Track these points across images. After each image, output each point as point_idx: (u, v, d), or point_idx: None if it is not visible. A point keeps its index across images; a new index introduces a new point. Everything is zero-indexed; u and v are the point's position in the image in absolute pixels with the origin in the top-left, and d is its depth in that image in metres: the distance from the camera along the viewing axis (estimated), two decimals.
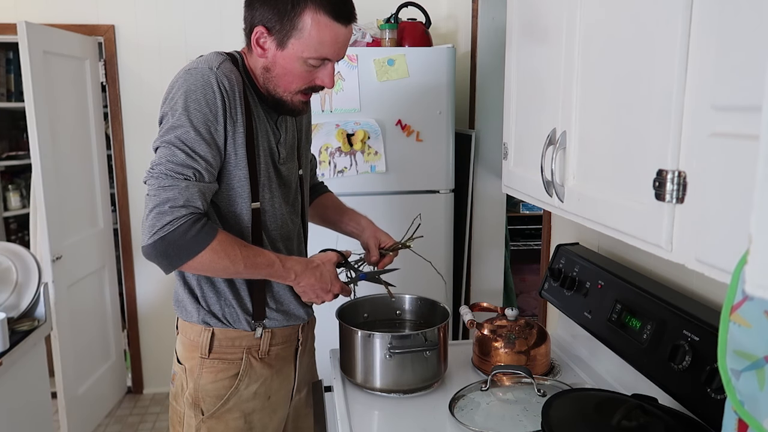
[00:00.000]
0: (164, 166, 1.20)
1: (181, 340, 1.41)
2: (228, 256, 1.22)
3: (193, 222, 1.18)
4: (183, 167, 1.20)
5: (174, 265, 1.20)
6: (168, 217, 1.17)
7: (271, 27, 1.26)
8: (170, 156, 1.20)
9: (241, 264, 1.24)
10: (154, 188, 1.19)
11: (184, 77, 1.25)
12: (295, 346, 1.47)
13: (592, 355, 1.59)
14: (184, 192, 1.19)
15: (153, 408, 3.36)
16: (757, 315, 0.59)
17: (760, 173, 0.47)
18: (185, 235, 1.17)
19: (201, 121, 1.22)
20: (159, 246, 1.17)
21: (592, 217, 1.02)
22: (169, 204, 1.17)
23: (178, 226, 1.17)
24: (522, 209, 3.91)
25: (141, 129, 3.24)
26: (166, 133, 1.22)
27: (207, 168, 1.23)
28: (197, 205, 1.20)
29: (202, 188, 1.22)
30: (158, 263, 1.20)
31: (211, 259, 1.21)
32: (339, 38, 1.27)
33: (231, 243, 1.23)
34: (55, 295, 2.72)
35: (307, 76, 1.30)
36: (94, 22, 3.14)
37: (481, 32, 2.81)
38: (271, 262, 1.29)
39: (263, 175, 1.34)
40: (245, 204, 1.32)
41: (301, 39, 1.25)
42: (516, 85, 1.40)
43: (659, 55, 0.82)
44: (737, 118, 0.66)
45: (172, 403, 1.44)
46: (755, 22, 0.62)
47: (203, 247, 1.19)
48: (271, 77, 1.31)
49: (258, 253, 1.28)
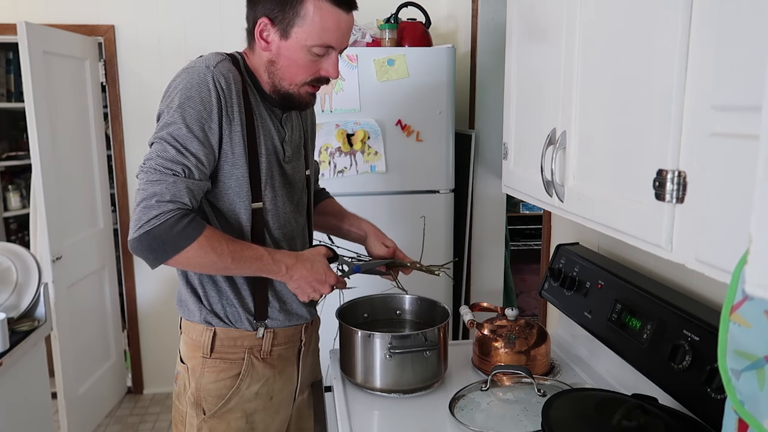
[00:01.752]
0: (154, 161, 1.21)
1: (184, 340, 1.41)
2: (215, 251, 1.22)
3: (179, 217, 1.18)
4: (172, 163, 1.20)
5: (159, 260, 1.20)
6: (154, 211, 1.17)
7: (274, 17, 1.27)
8: (161, 151, 1.21)
9: (228, 258, 1.23)
10: (143, 182, 1.20)
11: (181, 76, 1.26)
12: (298, 346, 1.46)
13: (592, 355, 1.59)
14: (171, 187, 1.19)
15: (153, 408, 3.35)
16: (757, 315, 0.59)
17: (760, 173, 0.47)
18: (171, 230, 1.18)
19: (194, 118, 1.22)
20: (144, 240, 1.17)
21: (592, 217, 1.02)
22: (155, 198, 1.18)
23: (165, 220, 1.17)
24: (522, 209, 3.91)
25: (141, 129, 3.24)
26: (160, 129, 1.23)
27: (197, 165, 1.23)
28: (184, 201, 1.20)
29: (191, 185, 1.22)
30: (144, 257, 1.20)
31: (197, 254, 1.21)
32: (341, 24, 1.28)
33: (218, 238, 1.23)
34: (55, 296, 2.72)
35: (312, 66, 1.31)
36: (94, 22, 3.14)
37: (481, 32, 2.81)
38: (259, 255, 1.28)
39: (265, 174, 1.34)
40: (243, 203, 1.32)
41: (304, 26, 1.26)
42: (516, 85, 1.40)
43: (659, 54, 0.82)
44: (737, 118, 0.66)
45: (175, 402, 1.44)
46: (755, 22, 0.62)
47: (189, 243, 1.19)
48: (276, 70, 1.32)
49: (246, 247, 1.27)
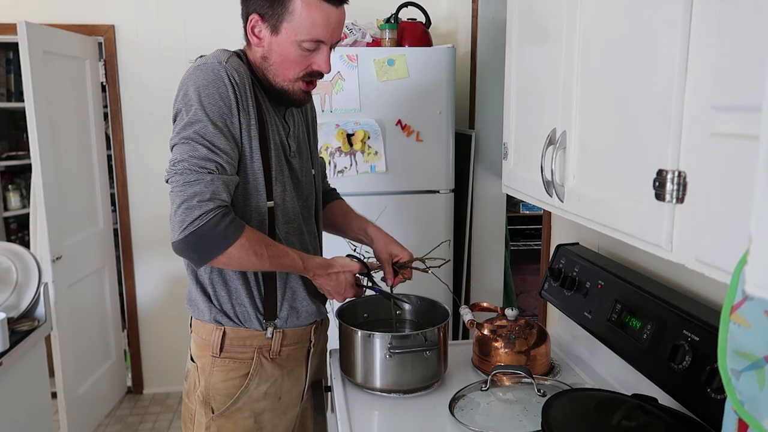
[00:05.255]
0: (187, 162, 1.21)
1: (194, 339, 1.42)
2: (255, 254, 1.24)
3: (221, 216, 1.20)
4: (206, 161, 1.21)
5: (205, 260, 1.22)
6: (197, 212, 1.18)
7: (264, 13, 1.28)
8: (191, 151, 1.21)
9: (266, 262, 1.27)
10: (179, 184, 1.20)
11: (194, 73, 1.26)
12: (307, 347, 1.46)
13: (592, 355, 1.59)
14: (209, 185, 1.20)
15: (153, 408, 3.35)
16: (757, 315, 0.59)
17: (760, 173, 0.47)
18: (215, 229, 1.19)
19: (217, 114, 1.23)
20: (190, 240, 1.18)
21: (592, 217, 1.02)
22: (197, 198, 1.18)
23: (208, 220, 1.18)
24: (522, 209, 3.91)
25: (141, 129, 3.24)
26: (183, 129, 1.23)
27: (228, 161, 1.24)
28: (223, 197, 1.22)
29: (226, 180, 1.23)
30: (189, 258, 1.22)
31: (239, 255, 1.23)
32: (331, 19, 1.28)
33: (258, 240, 1.25)
34: (55, 295, 2.72)
35: (304, 61, 1.31)
36: (94, 22, 3.14)
37: (481, 32, 2.81)
38: (293, 263, 1.32)
39: (275, 169, 1.35)
40: (262, 197, 1.33)
41: (293, 22, 1.27)
42: (516, 85, 1.40)
43: (659, 54, 0.82)
44: (737, 118, 0.66)
45: (185, 400, 1.45)
46: (755, 22, 0.62)
47: (231, 243, 1.21)
48: (269, 66, 1.32)
49: (282, 253, 1.30)
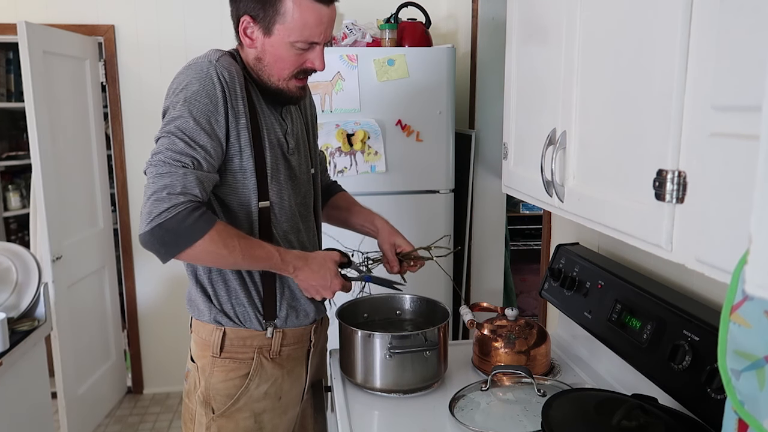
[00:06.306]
0: (163, 155, 1.20)
1: (194, 339, 1.41)
2: (226, 246, 1.21)
3: (191, 210, 1.17)
4: (181, 155, 1.20)
5: (171, 253, 1.19)
6: (165, 204, 1.16)
7: (256, 15, 1.28)
8: (169, 144, 1.21)
9: (239, 255, 1.23)
10: (152, 176, 1.19)
11: (185, 72, 1.27)
12: (307, 347, 1.46)
13: (592, 355, 1.59)
14: (181, 179, 1.18)
15: (153, 408, 3.35)
16: (757, 315, 0.59)
17: (760, 173, 0.46)
18: (183, 223, 1.16)
19: (201, 111, 1.23)
20: (156, 233, 1.16)
21: (592, 217, 1.02)
22: (166, 191, 1.17)
23: (176, 213, 1.16)
24: (522, 209, 3.91)
25: (141, 129, 3.23)
26: (166, 124, 1.23)
27: (206, 157, 1.22)
28: (195, 192, 1.19)
29: (200, 176, 1.21)
30: (155, 251, 1.19)
31: (208, 248, 1.19)
32: (323, 19, 1.28)
33: (229, 233, 1.22)
34: (55, 295, 2.72)
35: (297, 60, 1.31)
36: (94, 22, 3.14)
37: (481, 32, 2.81)
38: (269, 255, 1.28)
39: (271, 167, 1.34)
40: (253, 196, 1.32)
41: (285, 23, 1.26)
42: (516, 84, 1.40)
43: (659, 54, 0.82)
44: (737, 118, 0.66)
45: (185, 400, 1.45)
46: (755, 22, 0.62)
47: (200, 236, 1.18)
48: (263, 66, 1.32)
49: (257, 245, 1.27)
